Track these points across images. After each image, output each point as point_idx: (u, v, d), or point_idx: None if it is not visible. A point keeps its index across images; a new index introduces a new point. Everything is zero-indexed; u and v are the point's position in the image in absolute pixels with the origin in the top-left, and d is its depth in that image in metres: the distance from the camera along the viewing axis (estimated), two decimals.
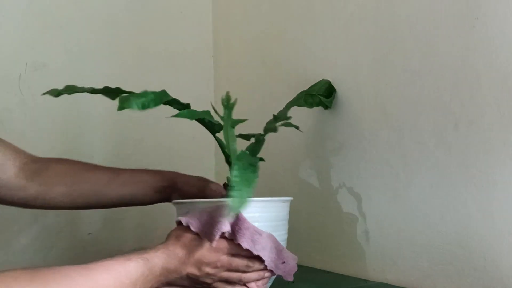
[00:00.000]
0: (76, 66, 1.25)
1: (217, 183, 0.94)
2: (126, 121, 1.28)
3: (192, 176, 0.94)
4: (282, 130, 0.91)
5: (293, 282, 0.89)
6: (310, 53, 1.11)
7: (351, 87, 1.01)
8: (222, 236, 0.71)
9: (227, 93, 0.84)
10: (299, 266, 1.07)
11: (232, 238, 0.72)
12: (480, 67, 0.79)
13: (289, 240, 0.95)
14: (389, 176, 0.93)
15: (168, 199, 0.92)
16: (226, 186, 0.86)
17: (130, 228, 1.29)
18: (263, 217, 0.77)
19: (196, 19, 1.45)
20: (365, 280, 0.94)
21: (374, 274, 0.96)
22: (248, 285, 0.74)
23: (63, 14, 1.24)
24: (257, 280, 0.75)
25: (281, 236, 0.80)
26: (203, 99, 1.43)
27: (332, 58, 1.06)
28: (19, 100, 1.17)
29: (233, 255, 0.72)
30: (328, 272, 1.01)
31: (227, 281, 0.73)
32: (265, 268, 0.75)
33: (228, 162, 0.84)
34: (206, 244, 0.71)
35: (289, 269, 0.76)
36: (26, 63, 1.18)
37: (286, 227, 0.83)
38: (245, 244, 0.71)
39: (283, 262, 0.75)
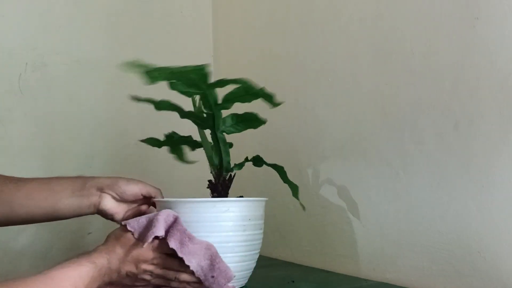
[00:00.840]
0: (76, 66, 1.25)
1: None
2: (127, 121, 1.29)
3: (111, 180, 0.86)
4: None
5: (293, 281, 0.90)
6: (310, 53, 1.11)
7: (351, 87, 1.01)
8: (159, 238, 0.74)
9: (193, 97, 0.86)
10: (299, 265, 1.08)
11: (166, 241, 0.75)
12: (480, 67, 0.79)
13: (289, 240, 0.95)
14: (389, 176, 0.93)
15: (94, 212, 0.85)
16: None
17: None
18: (238, 216, 0.80)
19: (196, 19, 1.45)
20: (365, 280, 0.94)
21: (374, 274, 0.96)
22: (180, 285, 0.77)
23: (63, 14, 1.24)
24: (192, 282, 0.76)
25: (255, 235, 0.83)
26: None
27: (332, 58, 1.06)
28: (19, 100, 1.17)
29: (168, 255, 0.75)
30: (328, 272, 1.01)
31: (164, 278, 0.76)
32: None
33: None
34: (140, 243, 0.74)
35: (220, 284, 0.75)
36: (26, 63, 1.18)
37: (262, 226, 0.86)
38: (172, 244, 0.74)
39: (213, 276, 0.75)
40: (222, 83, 0.81)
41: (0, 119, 1.15)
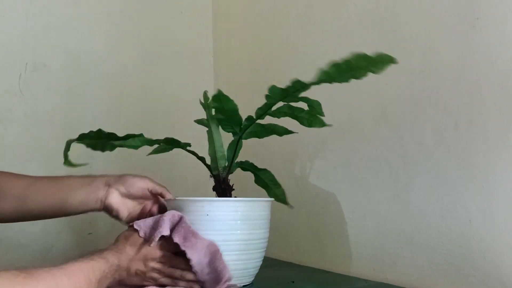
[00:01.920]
0: (76, 66, 1.25)
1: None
2: (127, 121, 1.28)
3: (118, 177, 0.86)
4: None
5: (293, 282, 0.90)
6: (310, 53, 1.11)
7: (351, 87, 1.01)
8: (165, 237, 0.77)
9: (205, 92, 0.85)
10: (299, 265, 1.08)
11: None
12: (480, 67, 0.79)
13: (289, 240, 0.95)
14: (389, 176, 0.93)
15: (101, 208, 0.85)
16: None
17: None
18: (245, 215, 0.83)
19: (196, 19, 1.45)
20: (365, 280, 0.94)
21: (374, 274, 0.96)
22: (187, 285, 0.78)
23: (63, 14, 1.24)
24: (195, 281, 0.78)
25: (262, 234, 0.85)
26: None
27: (332, 58, 1.06)
28: (19, 100, 1.17)
29: (175, 254, 0.77)
30: (328, 272, 1.01)
31: (171, 277, 0.78)
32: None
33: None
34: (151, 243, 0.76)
35: (212, 282, 0.76)
36: (26, 63, 1.18)
37: (267, 226, 0.87)
38: (176, 239, 0.76)
39: (208, 274, 0.76)
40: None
41: (0, 119, 1.15)
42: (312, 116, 0.86)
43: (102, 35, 1.29)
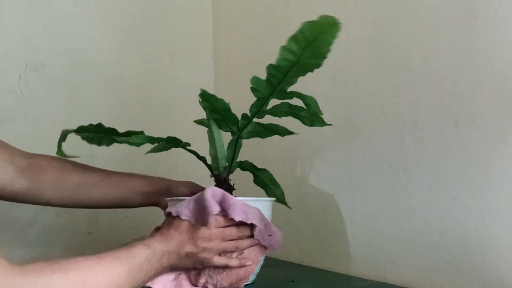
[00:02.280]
0: (76, 66, 1.25)
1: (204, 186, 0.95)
2: (127, 121, 1.28)
3: (180, 181, 0.96)
4: None
5: (293, 281, 0.90)
6: None
7: (351, 87, 1.01)
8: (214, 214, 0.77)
9: (202, 91, 0.84)
10: (299, 265, 1.08)
11: (222, 215, 0.77)
12: (480, 67, 0.79)
13: (289, 240, 0.95)
14: (389, 176, 0.93)
15: (155, 204, 0.95)
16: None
17: (130, 228, 1.29)
18: None
19: (196, 19, 1.45)
20: (365, 280, 0.94)
21: (374, 273, 0.96)
22: (245, 251, 0.80)
23: (63, 14, 1.24)
24: (251, 246, 0.80)
25: None
26: None
27: (332, 58, 1.06)
28: (19, 100, 1.17)
29: (224, 227, 0.77)
30: (328, 271, 1.01)
31: (225, 252, 0.78)
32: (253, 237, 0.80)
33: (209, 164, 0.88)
34: (198, 224, 0.76)
35: (275, 242, 0.81)
36: (26, 63, 1.18)
37: None
38: (238, 217, 0.76)
39: (270, 235, 0.80)
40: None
41: (0, 119, 1.15)
42: (313, 115, 0.85)
43: (102, 35, 1.29)
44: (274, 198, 0.90)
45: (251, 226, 0.79)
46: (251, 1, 1.31)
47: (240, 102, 0.86)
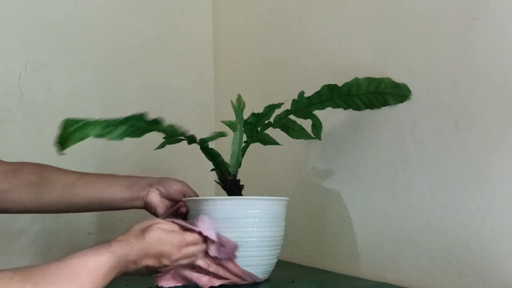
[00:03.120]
0: (76, 66, 1.25)
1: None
2: None
3: (172, 179, 0.95)
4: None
5: (293, 281, 0.90)
6: (310, 53, 1.11)
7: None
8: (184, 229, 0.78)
9: (239, 95, 0.90)
10: (299, 265, 1.08)
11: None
12: (480, 67, 0.79)
13: (289, 240, 0.95)
14: (389, 176, 0.93)
15: (142, 205, 0.93)
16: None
17: None
18: (262, 213, 0.86)
19: (196, 19, 1.45)
20: (365, 280, 0.94)
21: (374, 274, 0.96)
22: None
23: (63, 14, 1.24)
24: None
25: (277, 231, 0.89)
26: (203, 99, 1.44)
27: (332, 57, 1.06)
28: (19, 100, 1.17)
29: (187, 245, 0.78)
30: (328, 271, 1.01)
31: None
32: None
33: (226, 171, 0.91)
34: (169, 240, 0.75)
35: (229, 252, 0.82)
36: (26, 63, 1.18)
37: (283, 223, 0.90)
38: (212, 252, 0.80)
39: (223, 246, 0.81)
40: None
41: (0, 119, 1.15)
42: (302, 131, 0.94)
43: (102, 35, 1.29)
44: (288, 198, 0.91)
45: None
46: (251, 1, 1.31)
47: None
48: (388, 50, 0.94)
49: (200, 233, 0.78)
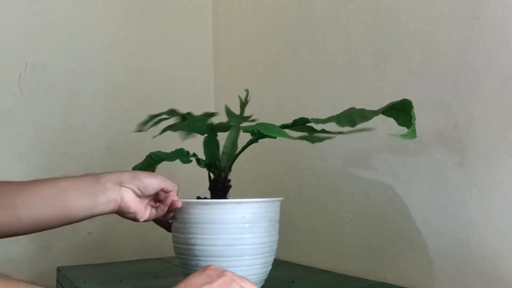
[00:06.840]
0: (76, 66, 1.25)
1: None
2: (126, 121, 1.28)
3: (145, 173, 0.80)
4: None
5: (293, 281, 0.90)
6: (310, 53, 1.11)
7: (351, 87, 1.01)
8: None
9: (247, 90, 0.85)
10: (299, 265, 1.08)
11: None
12: (480, 67, 0.79)
13: (289, 240, 0.95)
14: (389, 176, 0.93)
15: (113, 210, 0.77)
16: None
17: (130, 228, 1.28)
18: (253, 217, 0.78)
19: (196, 19, 1.45)
20: (365, 280, 0.94)
21: (374, 274, 0.96)
22: None
23: (63, 14, 1.24)
24: None
25: (272, 236, 0.81)
26: (203, 99, 1.44)
27: (332, 58, 1.06)
28: (19, 100, 1.17)
29: None
30: (328, 271, 1.01)
31: None
32: None
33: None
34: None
35: None
36: (26, 63, 1.18)
37: (277, 227, 0.83)
38: None
39: None
40: None
41: (0, 119, 1.15)
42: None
43: (102, 35, 1.29)
44: (282, 198, 0.85)
45: None
46: (251, 1, 1.31)
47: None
48: (388, 50, 0.94)
49: None
